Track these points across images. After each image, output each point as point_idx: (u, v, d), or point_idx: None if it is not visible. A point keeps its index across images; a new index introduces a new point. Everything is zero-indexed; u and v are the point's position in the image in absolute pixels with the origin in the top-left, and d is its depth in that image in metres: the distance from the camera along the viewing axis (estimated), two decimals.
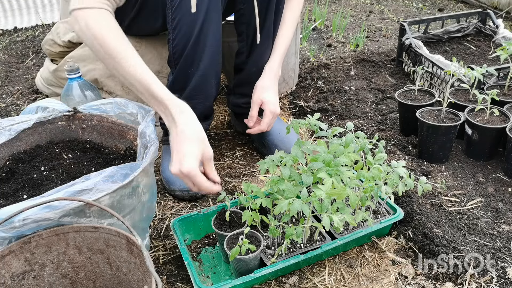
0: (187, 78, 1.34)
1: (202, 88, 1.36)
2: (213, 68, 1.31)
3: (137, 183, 0.92)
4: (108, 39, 1.04)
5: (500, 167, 1.40)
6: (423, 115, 1.44)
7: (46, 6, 3.44)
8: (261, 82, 1.40)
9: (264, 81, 1.40)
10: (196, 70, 1.32)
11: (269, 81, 1.40)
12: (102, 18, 1.07)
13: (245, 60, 1.47)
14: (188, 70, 1.31)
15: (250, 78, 1.46)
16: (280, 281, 1.07)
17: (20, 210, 0.78)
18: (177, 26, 1.24)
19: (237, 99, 1.60)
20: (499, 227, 1.16)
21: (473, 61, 1.96)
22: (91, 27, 1.04)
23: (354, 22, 2.90)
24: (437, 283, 1.05)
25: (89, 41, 1.07)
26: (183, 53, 1.27)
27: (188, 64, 1.31)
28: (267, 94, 1.38)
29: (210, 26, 1.24)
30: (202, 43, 1.25)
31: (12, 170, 1.05)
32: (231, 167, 1.51)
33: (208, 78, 1.36)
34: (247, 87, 1.53)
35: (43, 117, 1.14)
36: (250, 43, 1.44)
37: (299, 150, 1.07)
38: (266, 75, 1.41)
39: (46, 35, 1.84)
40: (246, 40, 1.43)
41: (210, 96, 1.42)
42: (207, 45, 1.25)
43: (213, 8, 1.23)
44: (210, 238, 1.21)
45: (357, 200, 1.05)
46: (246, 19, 1.39)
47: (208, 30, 1.24)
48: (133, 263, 0.86)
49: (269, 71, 1.42)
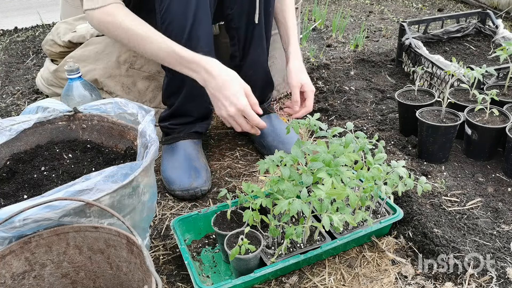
0: (182, 81, 1.34)
1: (199, 90, 1.36)
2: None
3: (137, 183, 0.92)
4: (133, 26, 1.16)
5: (500, 167, 1.40)
6: (423, 115, 1.44)
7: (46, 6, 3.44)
8: (292, 65, 1.39)
9: (295, 63, 1.39)
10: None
11: (299, 63, 1.40)
12: (120, 10, 1.18)
13: (239, 64, 1.47)
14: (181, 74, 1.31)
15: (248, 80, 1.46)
16: (280, 281, 1.07)
17: (20, 210, 0.78)
18: (167, 29, 1.24)
19: None
20: (499, 227, 1.16)
21: (472, 61, 1.96)
22: (113, 20, 1.16)
23: (354, 22, 2.90)
24: (437, 283, 1.05)
25: (113, 32, 1.19)
26: None
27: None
28: (304, 76, 1.38)
29: (199, 29, 1.24)
30: (193, 46, 1.24)
31: (12, 170, 1.06)
32: (231, 167, 1.51)
33: None
34: None
35: (43, 117, 1.14)
36: (242, 47, 1.44)
37: (299, 150, 1.07)
38: (294, 57, 1.40)
39: (46, 36, 1.84)
40: (238, 44, 1.43)
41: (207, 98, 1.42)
42: (198, 49, 1.25)
43: (201, 11, 1.23)
44: (210, 238, 1.21)
45: (357, 200, 1.05)
46: (235, 23, 1.39)
47: (198, 33, 1.24)
48: (133, 263, 0.86)
49: (294, 53, 1.41)
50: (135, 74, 1.66)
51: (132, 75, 1.66)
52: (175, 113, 1.44)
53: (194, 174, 1.36)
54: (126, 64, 1.65)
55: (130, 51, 1.64)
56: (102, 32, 1.27)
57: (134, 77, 1.66)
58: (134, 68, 1.66)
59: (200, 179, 1.36)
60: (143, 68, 1.66)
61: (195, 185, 1.34)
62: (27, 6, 3.48)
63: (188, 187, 1.34)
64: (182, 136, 1.45)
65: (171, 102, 1.43)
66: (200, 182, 1.35)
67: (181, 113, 1.44)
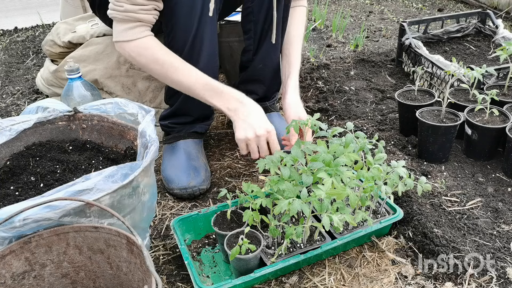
0: None
1: None
2: (210, 71, 1.31)
3: (137, 183, 0.92)
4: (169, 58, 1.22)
5: (500, 167, 1.40)
6: (423, 115, 1.44)
7: (46, 6, 3.45)
8: (290, 99, 1.41)
9: (293, 97, 1.42)
10: None
11: (297, 97, 1.43)
12: (155, 42, 1.22)
13: (251, 58, 1.47)
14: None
15: (256, 75, 1.46)
16: (280, 281, 1.07)
17: (20, 210, 0.78)
18: (172, 30, 1.24)
19: None
20: (499, 227, 1.16)
21: (472, 61, 1.96)
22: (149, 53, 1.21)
23: (354, 22, 2.90)
24: (437, 283, 1.05)
25: (147, 65, 1.23)
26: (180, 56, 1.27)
27: None
28: (301, 110, 1.41)
29: (205, 29, 1.25)
30: (198, 47, 1.25)
31: (12, 170, 1.06)
32: (231, 167, 1.51)
33: None
34: (252, 84, 1.52)
35: (43, 117, 1.14)
36: (258, 40, 1.44)
37: (299, 150, 1.07)
38: (292, 90, 1.43)
39: (46, 36, 1.84)
40: (254, 37, 1.44)
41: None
42: (203, 49, 1.25)
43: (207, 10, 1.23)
44: (210, 238, 1.21)
45: (357, 200, 1.05)
46: (254, 16, 1.39)
47: (203, 33, 1.25)
48: (133, 263, 0.86)
49: (293, 86, 1.43)
50: (135, 74, 1.66)
51: (132, 75, 1.66)
52: (176, 112, 1.44)
53: (193, 173, 1.36)
54: (126, 65, 1.65)
55: None
56: (134, 63, 1.33)
57: (134, 78, 1.66)
58: (134, 69, 1.66)
59: (199, 178, 1.36)
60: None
61: (193, 184, 1.34)
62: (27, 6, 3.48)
63: (186, 185, 1.34)
64: (183, 136, 1.45)
65: (173, 102, 1.43)
66: (199, 181, 1.35)
67: (182, 112, 1.44)
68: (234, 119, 1.24)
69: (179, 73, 1.22)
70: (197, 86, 1.22)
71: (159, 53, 1.21)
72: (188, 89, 1.24)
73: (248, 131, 1.21)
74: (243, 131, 1.22)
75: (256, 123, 1.21)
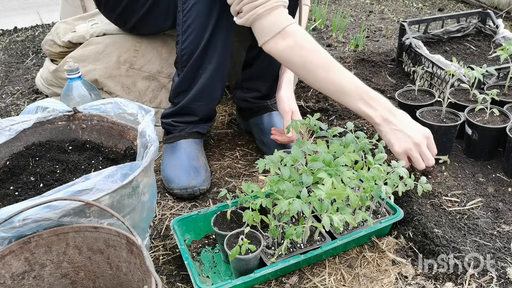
0: (194, 80, 1.34)
1: (207, 91, 1.36)
2: (221, 72, 1.31)
3: (137, 183, 0.92)
4: (321, 53, 1.14)
5: (500, 167, 1.40)
6: (423, 115, 1.44)
7: (46, 6, 3.45)
8: (285, 93, 1.42)
9: (287, 91, 1.42)
10: (204, 73, 1.32)
11: (291, 92, 1.43)
12: (306, 36, 1.15)
13: (257, 54, 1.47)
14: (195, 72, 1.30)
15: (261, 72, 1.46)
16: (280, 281, 1.07)
17: (20, 210, 0.78)
18: (187, 29, 1.23)
19: (244, 93, 1.60)
20: (499, 227, 1.16)
21: (473, 61, 1.96)
22: (303, 45, 1.14)
23: (354, 22, 2.90)
24: (437, 283, 1.05)
25: (306, 56, 1.14)
26: (192, 56, 1.27)
27: (196, 67, 1.31)
28: (294, 104, 1.41)
29: (221, 30, 1.24)
30: (213, 47, 1.24)
31: (12, 170, 1.05)
32: (231, 167, 1.51)
33: (215, 82, 1.36)
34: (256, 81, 1.52)
35: (43, 117, 1.14)
36: None
37: (299, 150, 1.07)
38: (286, 85, 1.43)
39: (46, 36, 1.84)
40: None
41: (215, 99, 1.42)
42: (217, 49, 1.25)
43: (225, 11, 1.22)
44: (210, 238, 1.21)
45: (357, 200, 1.05)
46: None
47: (219, 34, 1.24)
48: (133, 263, 0.86)
49: (288, 82, 1.44)
50: (135, 74, 1.66)
51: (132, 75, 1.66)
52: (181, 111, 1.43)
53: (193, 173, 1.36)
54: (126, 64, 1.65)
55: (130, 51, 1.64)
56: (284, 60, 1.19)
57: (134, 77, 1.66)
58: (134, 68, 1.66)
59: (199, 178, 1.35)
60: (143, 68, 1.66)
61: (193, 184, 1.34)
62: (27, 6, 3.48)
63: (186, 185, 1.34)
64: (183, 135, 1.45)
65: (179, 100, 1.43)
66: (199, 181, 1.35)
67: (187, 111, 1.43)
68: (386, 131, 1.15)
69: (336, 71, 1.14)
70: (352, 87, 1.14)
71: (316, 47, 1.14)
72: (335, 88, 1.15)
73: (405, 141, 1.13)
74: (401, 143, 1.14)
75: (410, 131, 1.13)
